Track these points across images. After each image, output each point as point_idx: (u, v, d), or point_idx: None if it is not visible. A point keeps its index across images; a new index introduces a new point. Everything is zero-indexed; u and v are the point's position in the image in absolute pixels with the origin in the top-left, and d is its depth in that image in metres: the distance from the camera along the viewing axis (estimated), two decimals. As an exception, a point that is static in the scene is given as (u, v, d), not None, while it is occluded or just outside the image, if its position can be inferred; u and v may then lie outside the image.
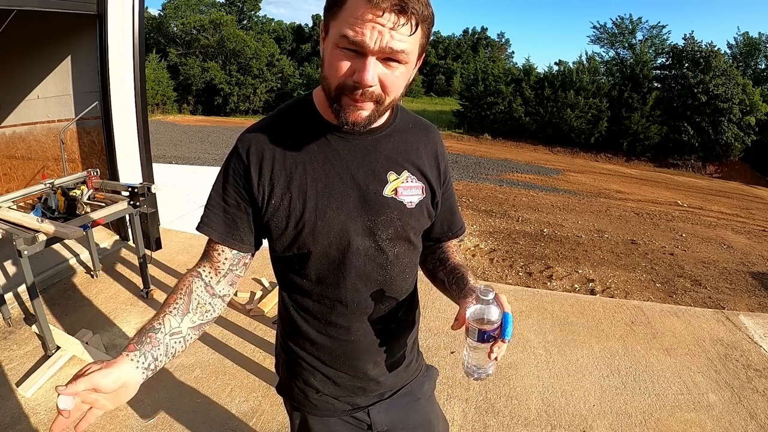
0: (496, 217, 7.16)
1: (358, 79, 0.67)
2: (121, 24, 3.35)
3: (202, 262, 0.87)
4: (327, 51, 0.71)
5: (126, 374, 0.67)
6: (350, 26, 0.65)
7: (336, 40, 0.68)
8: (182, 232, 4.13)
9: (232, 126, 20.33)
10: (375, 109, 0.73)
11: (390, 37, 0.65)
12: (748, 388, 2.25)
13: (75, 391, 0.61)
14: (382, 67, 0.69)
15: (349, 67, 0.68)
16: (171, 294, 0.81)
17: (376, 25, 0.64)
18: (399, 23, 0.65)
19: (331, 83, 0.71)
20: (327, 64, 0.71)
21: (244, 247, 0.85)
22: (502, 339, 0.74)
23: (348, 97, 0.70)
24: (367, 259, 0.84)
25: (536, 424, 1.99)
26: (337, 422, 0.96)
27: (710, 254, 5.96)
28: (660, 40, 23.06)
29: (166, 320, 0.76)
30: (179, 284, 0.83)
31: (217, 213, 0.84)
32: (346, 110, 0.72)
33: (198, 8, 31.33)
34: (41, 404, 2.05)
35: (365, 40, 0.65)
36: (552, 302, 3.06)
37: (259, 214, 0.82)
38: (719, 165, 19.24)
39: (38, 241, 2.14)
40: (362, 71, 0.67)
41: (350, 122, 0.73)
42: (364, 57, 0.67)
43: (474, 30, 42.42)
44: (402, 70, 0.70)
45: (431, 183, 0.90)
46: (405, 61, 0.69)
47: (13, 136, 4.15)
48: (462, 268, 0.94)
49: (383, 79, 0.69)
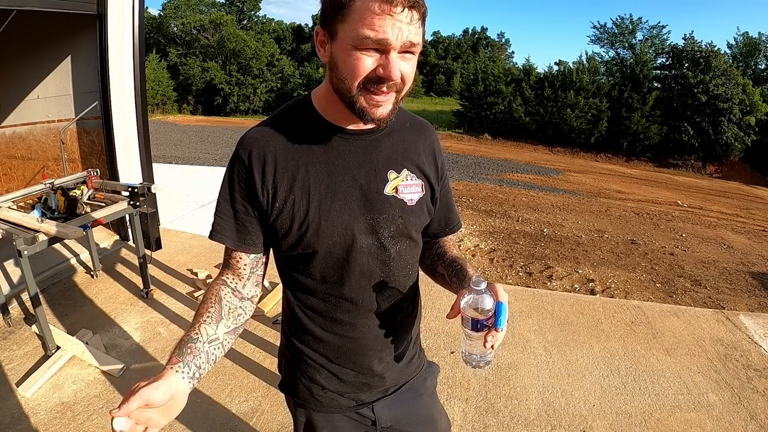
0: (496, 217, 7.16)
1: (386, 75, 0.70)
2: (121, 24, 3.35)
3: (225, 271, 0.89)
4: (340, 53, 0.72)
5: (174, 386, 0.69)
6: (368, 26, 0.67)
7: (354, 42, 0.69)
8: (182, 232, 4.13)
9: (232, 126, 20.34)
10: (395, 99, 0.76)
11: (408, 32, 0.68)
12: (748, 388, 2.25)
13: (128, 411, 0.60)
14: (401, 61, 0.72)
15: (372, 65, 0.70)
16: (202, 305, 0.83)
17: (396, 21, 0.67)
18: (414, 17, 0.68)
19: (351, 83, 0.72)
20: (345, 66, 0.72)
21: (259, 249, 0.88)
22: (495, 328, 0.75)
23: (370, 94, 0.73)
24: (370, 257, 0.86)
25: (536, 424, 1.99)
26: (341, 419, 0.97)
27: (710, 254, 5.96)
28: (660, 40, 23.07)
29: (203, 329, 0.79)
30: (208, 294, 0.85)
31: (227, 220, 0.85)
32: (369, 109, 0.74)
33: (198, 8, 31.33)
34: (41, 404, 2.05)
35: (388, 38, 0.67)
36: (552, 302, 3.06)
37: (265, 216, 0.84)
38: (719, 165, 19.23)
39: (38, 241, 2.15)
40: (388, 67, 0.70)
41: (376, 119, 0.76)
42: (386, 53, 0.69)
43: (474, 30, 42.39)
44: (414, 61, 0.74)
45: (430, 180, 0.92)
46: (416, 53, 0.73)
47: (13, 136, 4.15)
48: (460, 260, 0.96)
49: (402, 71, 0.72)
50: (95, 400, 2.08)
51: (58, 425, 1.92)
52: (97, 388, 2.16)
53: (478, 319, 0.76)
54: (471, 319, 0.76)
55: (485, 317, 0.76)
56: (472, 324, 0.77)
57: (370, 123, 0.77)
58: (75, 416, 1.98)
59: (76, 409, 2.02)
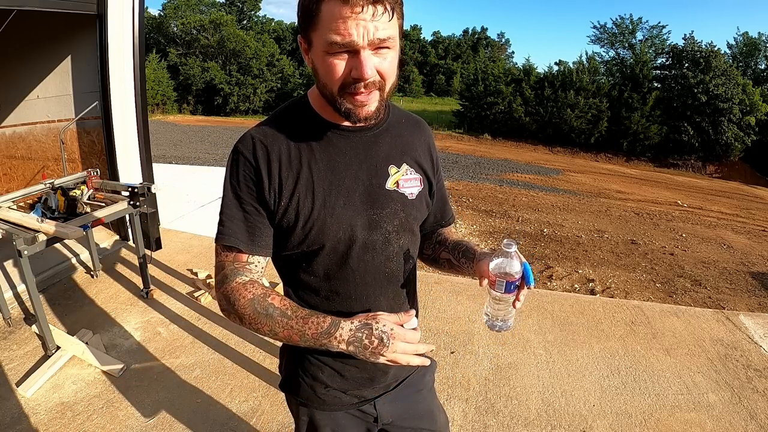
0: (496, 217, 7.16)
1: (358, 75, 0.70)
2: (121, 24, 3.35)
3: (237, 278, 0.82)
4: (317, 60, 0.74)
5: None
6: (334, 32, 0.68)
7: (325, 48, 0.70)
8: (182, 232, 4.13)
9: (232, 126, 20.34)
10: (380, 97, 0.76)
11: (374, 29, 0.68)
12: (748, 388, 2.25)
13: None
14: (375, 58, 0.72)
15: (345, 67, 0.71)
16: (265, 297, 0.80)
17: (359, 21, 0.67)
18: (378, 12, 0.68)
19: (332, 88, 0.74)
20: (323, 72, 0.74)
21: (269, 250, 0.86)
22: (528, 286, 0.80)
23: (351, 95, 0.73)
24: (374, 253, 0.86)
25: (536, 424, 1.99)
26: (344, 416, 0.97)
27: (710, 254, 5.96)
28: (660, 40, 23.09)
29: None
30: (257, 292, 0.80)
31: (237, 223, 0.83)
32: (354, 110, 0.75)
33: (198, 8, 31.35)
34: (41, 404, 2.04)
35: (354, 39, 0.68)
36: (552, 302, 3.06)
37: (272, 216, 0.83)
38: (719, 165, 19.25)
39: (38, 241, 2.14)
40: (360, 66, 0.70)
41: (362, 118, 0.76)
42: (357, 53, 0.70)
43: (474, 30, 42.47)
44: (392, 55, 0.74)
45: (427, 174, 0.94)
46: (392, 46, 0.73)
47: (13, 136, 4.15)
48: (464, 241, 0.99)
49: (379, 67, 0.72)
50: (95, 400, 2.08)
51: (58, 425, 1.92)
52: (97, 388, 2.16)
53: (511, 280, 0.79)
54: (504, 281, 0.79)
55: (516, 279, 0.79)
56: (505, 286, 0.79)
57: (359, 123, 0.78)
58: (75, 416, 1.98)
59: (76, 409, 2.02)
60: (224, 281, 0.82)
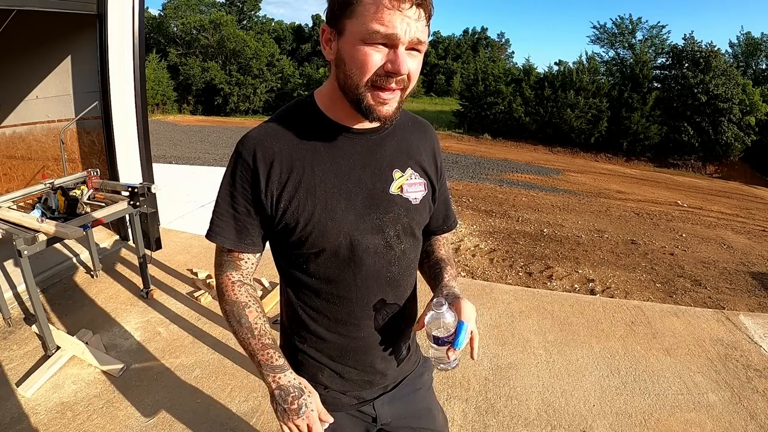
0: (496, 217, 7.16)
1: (395, 69, 0.71)
2: (121, 24, 3.35)
3: (229, 272, 0.89)
4: (348, 49, 0.73)
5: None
6: (378, 21, 0.68)
7: (363, 36, 0.70)
8: (182, 232, 4.13)
9: (232, 126, 20.34)
10: (400, 97, 0.76)
11: (416, 29, 0.70)
12: (748, 388, 2.25)
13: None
14: (408, 57, 0.72)
15: (380, 60, 0.71)
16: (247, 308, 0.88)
17: (405, 17, 0.68)
18: (421, 15, 0.70)
19: (359, 79, 0.73)
20: (353, 61, 0.72)
21: (258, 248, 0.89)
22: (453, 347, 0.80)
23: (378, 90, 0.73)
24: (377, 257, 0.86)
25: (536, 424, 1.99)
26: (343, 416, 0.97)
27: (710, 254, 5.96)
28: (660, 40, 23.07)
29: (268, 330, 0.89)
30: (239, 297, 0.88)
31: (227, 221, 0.85)
32: (375, 107, 0.75)
33: (198, 8, 31.34)
34: (41, 404, 2.04)
35: (397, 32, 0.68)
36: (552, 302, 3.06)
37: (268, 218, 0.83)
38: (719, 165, 19.24)
39: (38, 241, 2.14)
40: (397, 61, 0.70)
41: (382, 117, 0.76)
42: (395, 48, 0.70)
43: (474, 30, 42.42)
44: (420, 59, 0.75)
45: (431, 179, 0.93)
46: (422, 51, 0.74)
47: (13, 136, 4.15)
48: (442, 262, 1.00)
49: (409, 67, 0.73)
50: (95, 400, 2.08)
51: (58, 425, 1.92)
52: (97, 388, 2.16)
53: (438, 336, 0.81)
54: (432, 336, 0.82)
55: (446, 335, 0.81)
56: (433, 339, 0.82)
57: (376, 121, 0.78)
58: (75, 416, 1.98)
59: (76, 409, 2.02)
60: (220, 269, 0.90)
